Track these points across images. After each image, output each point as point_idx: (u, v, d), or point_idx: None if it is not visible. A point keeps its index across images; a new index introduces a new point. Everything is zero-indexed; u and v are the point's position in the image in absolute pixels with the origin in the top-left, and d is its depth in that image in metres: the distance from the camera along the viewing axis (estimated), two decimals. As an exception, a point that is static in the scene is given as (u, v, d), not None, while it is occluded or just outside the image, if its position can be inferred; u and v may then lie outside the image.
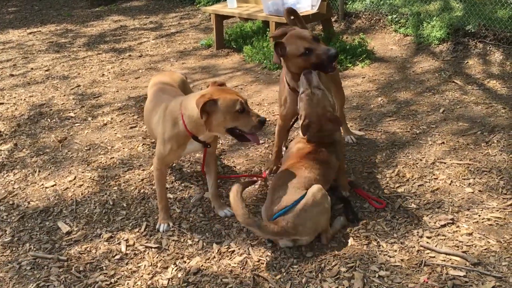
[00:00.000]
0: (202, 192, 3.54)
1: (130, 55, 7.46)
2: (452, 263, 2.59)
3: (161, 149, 3.06)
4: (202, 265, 2.80)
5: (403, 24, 6.80)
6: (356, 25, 7.42)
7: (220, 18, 7.20)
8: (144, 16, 10.28)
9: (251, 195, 3.46)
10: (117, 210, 3.42)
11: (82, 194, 3.66)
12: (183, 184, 3.67)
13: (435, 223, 2.94)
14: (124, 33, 8.97)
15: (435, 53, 5.99)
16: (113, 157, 4.17)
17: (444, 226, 2.90)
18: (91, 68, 6.94)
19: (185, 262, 2.84)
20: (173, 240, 3.04)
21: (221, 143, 4.24)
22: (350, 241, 2.88)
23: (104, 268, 2.85)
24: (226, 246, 2.94)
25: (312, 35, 3.02)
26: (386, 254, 2.72)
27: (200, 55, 7.24)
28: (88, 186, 3.75)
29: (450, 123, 4.19)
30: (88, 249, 3.03)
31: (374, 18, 7.29)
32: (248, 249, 2.90)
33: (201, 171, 3.77)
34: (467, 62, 5.61)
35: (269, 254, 2.84)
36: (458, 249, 2.69)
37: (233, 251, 2.90)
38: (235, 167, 3.88)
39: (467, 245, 2.72)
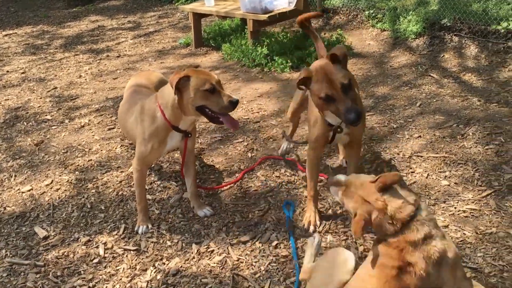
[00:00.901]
0: (181, 192, 3.52)
1: (108, 56, 7.37)
2: (428, 256, 2.61)
3: (142, 149, 3.04)
4: (181, 266, 2.79)
5: (380, 19, 6.84)
6: (334, 21, 7.45)
7: (198, 17, 7.17)
8: (122, 16, 10.17)
9: (230, 194, 3.45)
10: (95, 213, 3.38)
11: (59, 198, 3.61)
12: (162, 185, 3.65)
13: (412, 216, 2.96)
14: (101, 34, 8.86)
15: (412, 48, 6.04)
16: (91, 160, 4.12)
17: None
18: (68, 69, 6.85)
19: (164, 263, 2.83)
20: (152, 242, 3.02)
21: (200, 142, 4.23)
22: (329, 237, 2.89)
23: (82, 272, 2.82)
24: (206, 246, 2.94)
25: (342, 83, 2.43)
26: (365, 249, 2.74)
27: (179, 54, 7.19)
28: (65, 190, 3.71)
29: (427, 116, 4.23)
30: (65, 253, 3.00)
31: (352, 14, 7.33)
32: (227, 248, 2.89)
33: (180, 172, 3.74)
34: (443, 56, 5.67)
35: (248, 253, 2.84)
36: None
37: (213, 251, 2.90)
38: (214, 166, 3.87)
39: (443, 238, 2.75)
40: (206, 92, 2.75)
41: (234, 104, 2.77)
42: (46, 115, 5.21)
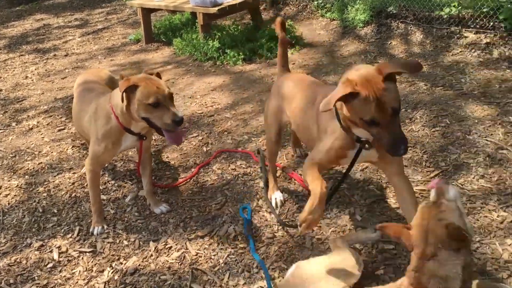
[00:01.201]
0: (136, 190, 3.48)
1: (55, 55, 7.16)
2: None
3: (95, 149, 2.98)
4: (139, 265, 2.76)
5: (329, 9, 6.94)
6: (284, 12, 7.50)
7: (147, 12, 7.05)
8: (69, 13, 9.89)
9: (186, 190, 3.43)
10: (48, 217, 3.29)
11: (9, 203, 3.49)
12: (116, 184, 3.59)
13: (365, 200, 3.04)
14: (47, 32, 8.59)
15: (360, 36, 6.16)
16: (41, 162, 4.00)
17: (373, 202, 3.01)
18: (13, 70, 6.60)
19: (121, 263, 2.79)
20: (108, 242, 2.97)
21: (155, 139, 4.17)
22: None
23: (36, 278, 2.75)
24: (163, 243, 2.91)
25: (394, 108, 1.97)
26: (321, 236, 2.79)
27: (129, 50, 7.07)
28: (15, 195, 3.58)
29: (377, 102, 4.33)
30: (18, 260, 2.91)
31: (301, 4, 7.40)
32: (185, 243, 2.88)
33: (136, 170, 3.69)
34: (390, 43, 5.82)
35: (206, 246, 2.84)
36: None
37: (171, 247, 2.88)
38: (170, 162, 3.83)
39: (394, 219, 2.84)
40: (150, 106, 2.66)
41: (177, 123, 2.68)
42: (-8, 119, 5.01)
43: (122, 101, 2.69)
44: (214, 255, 2.76)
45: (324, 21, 6.85)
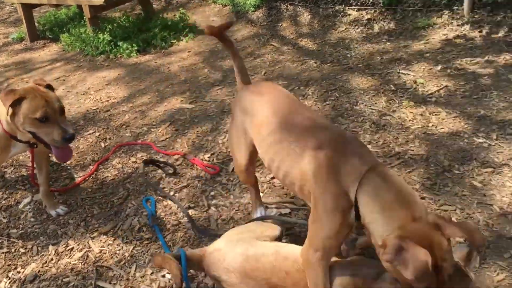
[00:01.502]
0: (30, 195, 3.29)
1: None
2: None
3: None
4: (39, 271, 2.63)
5: (219, -5, 6.98)
6: (177, 1, 7.41)
7: (28, 7, 6.62)
8: None
9: (85, 188, 3.31)
10: None
11: None
12: (7, 192, 3.37)
13: (265, 177, 3.13)
14: None
15: (253, 20, 6.27)
16: None
17: (273, 178, 3.10)
18: None
19: (19, 272, 2.64)
20: (3, 253, 2.79)
21: (47, 140, 3.96)
22: (190, 211, 2.93)
23: None
24: (64, 245, 2.80)
25: None
26: (225, 217, 2.83)
27: (13, 50, 6.61)
28: None
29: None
30: None
31: (193, -8, 7.36)
32: (88, 243, 2.79)
33: (29, 175, 3.48)
34: (281, 25, 5.98)
35: (110, 242, 2.77)
36: (286, 196, 2.92)
37: (72, 248, 2.77)
38: (65, 162, 3.66)
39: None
40: (37, 121, 2.49)
41: (67, 140, 2.54)
42: None
43: (8, 113, 2.50)
44: (119, 250, 2.70)
45: (217, 7, 6.88)
